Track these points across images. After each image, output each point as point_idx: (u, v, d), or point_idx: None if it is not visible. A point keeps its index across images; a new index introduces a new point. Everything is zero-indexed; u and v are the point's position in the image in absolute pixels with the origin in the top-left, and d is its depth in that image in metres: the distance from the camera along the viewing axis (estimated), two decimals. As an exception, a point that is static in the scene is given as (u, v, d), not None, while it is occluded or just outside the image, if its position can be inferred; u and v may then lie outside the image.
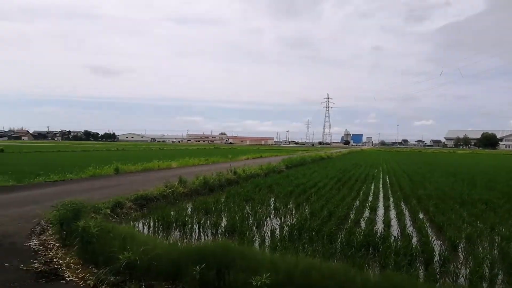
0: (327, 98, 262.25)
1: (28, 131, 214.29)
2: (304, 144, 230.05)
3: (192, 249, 5.61)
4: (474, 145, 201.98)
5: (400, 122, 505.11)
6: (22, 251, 6.53)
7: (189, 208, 11.86)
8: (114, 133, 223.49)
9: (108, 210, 10.51)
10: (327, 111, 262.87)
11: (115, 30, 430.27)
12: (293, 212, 11.91)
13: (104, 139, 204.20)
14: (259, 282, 4.31)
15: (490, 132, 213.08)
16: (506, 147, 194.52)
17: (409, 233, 8.93)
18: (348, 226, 9.46)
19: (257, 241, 8.30)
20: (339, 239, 8.27)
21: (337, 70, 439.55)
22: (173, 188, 14.23)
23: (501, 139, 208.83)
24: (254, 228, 9.66)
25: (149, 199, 12.78)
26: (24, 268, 5.64)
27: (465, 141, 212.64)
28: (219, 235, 9.11)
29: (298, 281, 4.50)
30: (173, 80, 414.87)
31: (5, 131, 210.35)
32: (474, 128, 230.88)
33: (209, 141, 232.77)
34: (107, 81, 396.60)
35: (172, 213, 10.57)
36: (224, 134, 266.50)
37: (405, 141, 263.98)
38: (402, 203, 13.84)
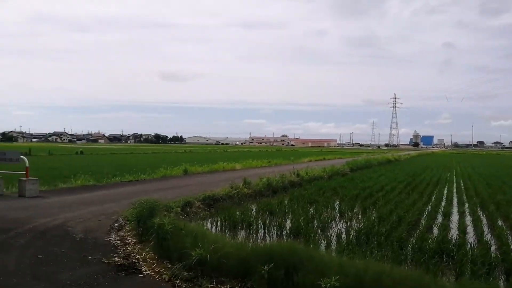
0: (394, 98, 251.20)
1: (104, 135, 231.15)
2: (369, 147, 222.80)
3: (259, 249, 5.73)
4: None
5: (475, 122, 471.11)
6: (103, 246, 7.09)
7: (254, 209, 12.05)
8: (181, 136, 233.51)
9: (179, 209, 11.02)
10: (394, 112, 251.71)
11: (184, 38, 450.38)
12: (360, 216, 11.63)
13: (172, 142, 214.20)
14: (328, 285, 4.30)
15: None
16: None
17: (487, 241, 8.33)
18: (419, 232, 9.05)
19: (323, 244, 8.24)
20: (410, 245, 7.95)
21: (404, 69, 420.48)
22: (238, 189, 14.57)
23: None
24: (319, 231, 9.60)
25: (216, 199, 13.20)
26: (106, 261, 6.13)
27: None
28: (284, 237, 9.17)
29: (368, 285, 4.42)
30: (238, 84, 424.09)
31: (83, 135, 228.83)
32: None
33: (271, 144, 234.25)
34: (176, 87, 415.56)
35: (237, 213, 10.84)
36: (286, 136, 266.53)
37: (481, 143, 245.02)
38: (478, 209, 12.92)
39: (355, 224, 10.40)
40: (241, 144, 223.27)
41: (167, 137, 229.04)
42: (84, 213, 10.11)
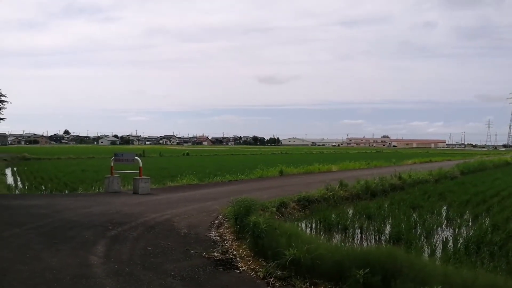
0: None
1: (207, 137, 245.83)
2: (484, 147, 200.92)
3: (355, 252, 5.56)
4: None
5: None
6: (204, 241, 7.55)
7: (350, 212, 11.72)
8: (278, 138, 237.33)
9: (274, 209, 11.22)
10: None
11: (282, 40, 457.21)
12: (470, 224, 10.57)
13: (269, 144, 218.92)
14: (429, 294, 3.99)
15: None
16: None
17: None
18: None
19: (426, 252, 7.67)
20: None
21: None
22: (333, 191, 14.30)
23: None
24: (422, 238, 8.98)
25: (310, 200, 13.15)
26: (206, 256, 6.51)
27: None
28: (383, 242, 8.76)
29: (477, 299, 4.00)
30: (336, 84, 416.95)
31: (189, 138, 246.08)
32: None
33: (370, 145, 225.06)
34: (273, 89, 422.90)
35: (333, 215, 10.65)
36: (387, 137, 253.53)
37: None
38: None
39: (464, 232, 9.48)
40: (338, 145, 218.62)
41: (264, 139, 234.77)
42: (188, 209, 10.87)
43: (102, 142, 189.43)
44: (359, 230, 9.66)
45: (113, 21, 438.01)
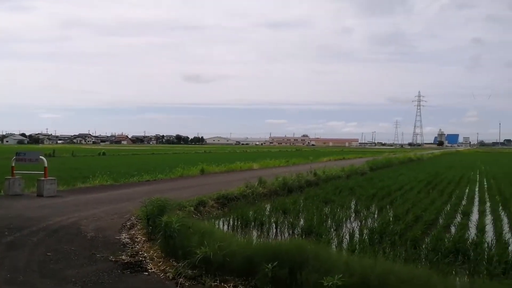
0: (418, 96, 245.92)
1: (127, 136, 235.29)
2: (392, 146, 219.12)
3: (266, 247, 5.64)
4: None
5: (503, 120, 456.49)
6: (112, 244, 7.15)
7: (268, 208, 11.97)
8: (202, 137, 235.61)
9: (192, 208, 11.07)
10: (418, 110, 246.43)
11: (209, 39, 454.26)
12: (375, 216, 11.39)
13: (193, 143, 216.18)
14: (330, 283, 4.18)
15: None
16: None
17: (505, 240, 8.01)
18: (435, 231, 8.75)
19: (334, 243, 8.08)
20: (425, 245, 7.71)
21: (430, 66, 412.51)
22: (252, 188, 14.51)
23: None
24: (332, 230, 9.45)
25: (230, 198, 13.19)
26: (113, 259, 6.17)
27: None
28: (295, 236, 9.06)
29: (374, 284, 4.27)
30: (260, 84, 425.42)
31: (107, 136, 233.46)
32: None
33: (291, 143, 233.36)
34: (198, 88, 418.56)
35: (251, 212, 10.78)
36: (306, 136, 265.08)
37: (508, 141, 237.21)
38: (500, 208, 12.47)
39: (370, 224, 10.18)
40: (261, 144, 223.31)
41: (188, 138, 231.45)
42: (98, 212, 10.25)
43: (7, 142, 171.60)
44: (274, 225, 9.90)
45: (26, 10, 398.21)
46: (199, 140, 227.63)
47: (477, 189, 17.52)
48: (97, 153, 53.09)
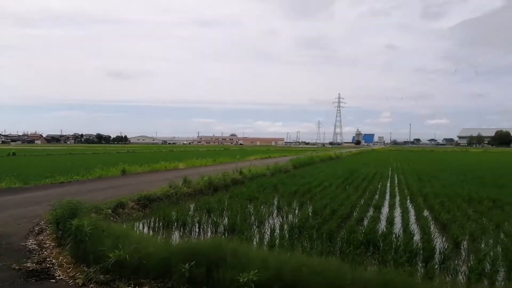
0: (338, 98, 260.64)
1: (41, 135, 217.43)
2: (314, 145, 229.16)
3: (184, 247, 5.54)
4: (487, 144, 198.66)
5: (413, 121, 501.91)
6: (17, 251, 6.54)
7: (192, 208, 11.81)
8: (125, 136, 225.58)
9: (110, 210, 10.54)
10: (338, 111, 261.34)
11: (135, 34, 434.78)
12: (296, 211, 11.79)
13: (116, 142, 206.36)
14: (246, 279, 4.22)
15: (504, 130, 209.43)
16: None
17: (411, 231, 8.75)
18: (349, 225, 9.30)
19: (256, 239, 8.21)
20: (339, 237, 8.14)
21: (350, 70, 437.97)
22: (177, 188, 14.22)
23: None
24: (254, 227, 9.59)
25: (152, 199, 12.77)
26: (16, 267, 5.64)
27: (479, 140, 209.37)
28: (218, 234, 9.05)
29: (288, 277, 4.40)
30: (188, 83, 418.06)
31: (19, 135, 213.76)
32: (489, 126, 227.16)
33: (219, 143, 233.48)
34: (122, 85, 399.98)
35: (173, 213, 10.55)
36: (234, 135, 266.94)
37: (418, 140, 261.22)
38: (408, 201, 13.62)
39: (291, 219, 10.51)
40: (189, 143, 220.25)
41: (110, 137, 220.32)
42: (3, 217, 9.34)
43: None
44: (197, 225, 9.78)
45: None
46: (122, 140, 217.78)
47: (388, 184, 18.94)
48: (6, 153, 48.27)
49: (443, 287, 4.37)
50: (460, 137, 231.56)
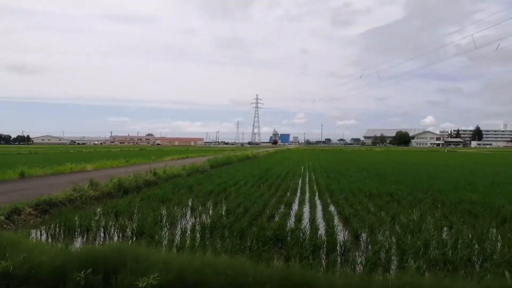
0: (256, 99, 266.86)
1: None
2: (234, 145, 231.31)
3: (82, 254, 5.17)
4: (389, 143, 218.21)
5: (324, 122, 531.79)
6: None
7: (98, 212, 11.12)
8: (28, 136, 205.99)
9: (3, 217, 9.53)
10: (256, 112, 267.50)
11: (43, 27, 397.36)
12: (210, 211, 11.73)
13: (17, 142, 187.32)
14: (145, 284, 4.06)
15: (403, 131, 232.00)
16: (417, 144, 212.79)
17: (317, 226, 9.21)
18: (261, 222, 9.50)
19: (165, 242, 7.98)
20: (250, 235, 8.26)
21: (267, 72, 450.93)
22: (82, 192, 13.28)
23: (413, 137, 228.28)
24: (166, 229, 9.33)
25: (53, 204, 11.76)
26: None
27: (382, 139, 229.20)
28: (126, 239, 8.63)
29: (190, 278, 4.33)
30: (100, 80, 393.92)
31: None
32: (391, 127, 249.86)
33: (135, 143, 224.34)
34: (25, 81, 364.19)
35: (76, 218, 9.83)
36: (151, 135, 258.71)
37: (328, 140, 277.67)
38: (316, 197, 14.35)
39: (205, 219, 10.42)
40: (101, 144, 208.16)
41: (10, 137, 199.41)
42: None
43: None
44: (103, 230, 9.23)
45: None
46: (24, 140, 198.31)
47: (300, 182, 19.77)
48: None
49: (339, 277, 4.63)
50: (365, 137, 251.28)
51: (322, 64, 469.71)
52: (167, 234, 8.80)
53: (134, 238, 8.58)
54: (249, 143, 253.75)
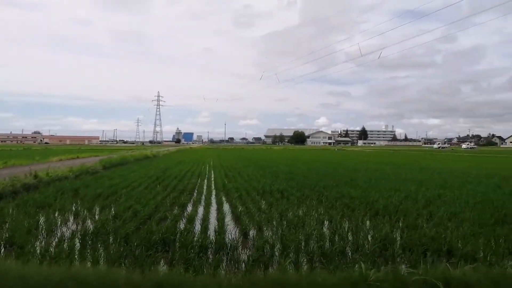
0: (158, 96, 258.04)
1: None
2: (133, 143, 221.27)
3: None
4: (288, 142, 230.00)
5: (228, 121, 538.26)
6: None
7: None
8: None
9: None
10: (158, 110, 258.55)
11: None
12: (96, 216, 10.99)
13: None
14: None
15: (300, 130, 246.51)
16: (312, 143, 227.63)
17: (208, 226, 9.23)
18: (150, 225, 9.17)
19: (38, 253, 7.24)
20: (135, 240, 7.92)
21: (170, 68, 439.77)
22: None
23: (308, 136, 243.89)
24: (42, 238, 8.48)
25: None
26: None
27: (281, 138, 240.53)
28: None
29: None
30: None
31: None
32: (290, 127, 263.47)
33: (19, 142, 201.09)
34: None
35: None
36: (39, 133, 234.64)
37: (231, 139, 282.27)
38: (213, 197, 14.38)
39: (89, 225, 9.73)
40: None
41: None
42: None
43: None
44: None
45: None
46: None
47: (198, 182, 19.64)
48: None
49: (211, 279, 4.66)
50: (266, 136, 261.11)
51: (225, 63, 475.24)
52: (43, 244, 8.01)
53: (4, 248, 7.64)
54: (150, 142, 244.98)
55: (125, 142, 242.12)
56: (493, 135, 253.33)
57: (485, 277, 4.47)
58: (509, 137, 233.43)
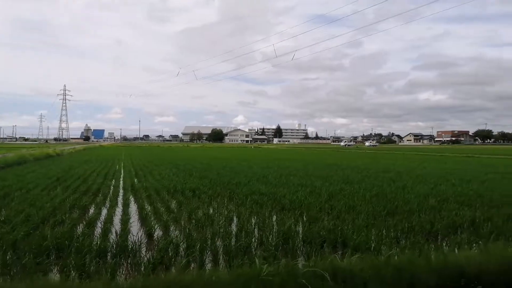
0: (64, 90, 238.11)
1: None
2: (36, 141, 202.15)
3: None
4: (206, 140, 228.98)
5: (143, 118, 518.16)
6: None
7: None
8: None
9: None
10: (64, 104, 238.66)
11: None
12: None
13: None
14: None
15: (218, 128, 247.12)
16: (230, 141, 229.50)
17: (110, 228, 8.75)
18: (43, 230, 8.41)
19: None
20: (26, 247, 7.22)
21: (77, 60, 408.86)
22: None
23: (226, 134, 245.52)
24: None
25: None
26: None
27: (199, 136, 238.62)
28: None
29: None
30: None
31: None
32: (208, 125, 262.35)
33: None
34: None
35: None
36: None
37: (147, 136, 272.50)
38: (120, 198, 13.70)
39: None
40: None
41: None
42: None
43: None
44: None
45: None
46: None
47: (104, 182, 18.56)
48: None
49: (112, 284, 4.43)
50: (183, 134, 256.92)
51: (139, 58, 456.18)
52: None
53: None
54: (55, 139, 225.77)
55: (26, 140, 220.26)
56: (393, 134, 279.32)
57: (369, 265, 4.86)
58: (406, 136, 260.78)
